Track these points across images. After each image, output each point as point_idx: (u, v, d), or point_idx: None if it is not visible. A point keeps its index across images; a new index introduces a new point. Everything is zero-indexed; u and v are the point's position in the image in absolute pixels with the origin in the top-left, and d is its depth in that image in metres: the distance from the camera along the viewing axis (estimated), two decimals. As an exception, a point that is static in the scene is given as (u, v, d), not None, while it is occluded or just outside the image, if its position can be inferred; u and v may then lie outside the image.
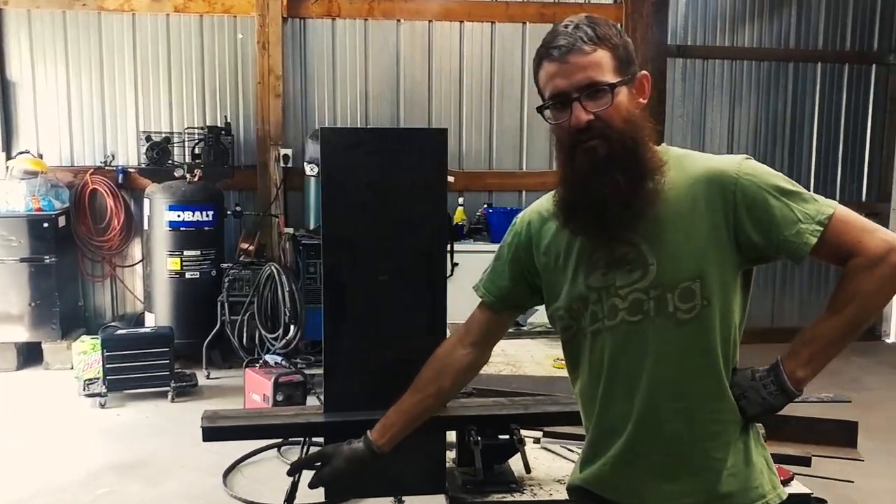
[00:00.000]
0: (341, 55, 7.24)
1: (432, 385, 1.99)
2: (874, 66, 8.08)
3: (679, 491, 1.73)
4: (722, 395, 1.71)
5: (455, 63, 7.38)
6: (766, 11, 7.85)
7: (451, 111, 7.41)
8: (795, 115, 8.00)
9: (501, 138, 7.49)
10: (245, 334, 6.43)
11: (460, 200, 7.20)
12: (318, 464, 2.02)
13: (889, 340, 8.33)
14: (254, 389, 5.60)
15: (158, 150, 6.60)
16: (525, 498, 2.15)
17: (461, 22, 7.33)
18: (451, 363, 1.99)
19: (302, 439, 2.26)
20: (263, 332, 6.40)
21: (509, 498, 2.14)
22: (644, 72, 1.73)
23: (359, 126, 7.25)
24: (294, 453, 5.05)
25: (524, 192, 7.55)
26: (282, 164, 7.00)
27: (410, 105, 7.35)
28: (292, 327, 6.27)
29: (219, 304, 6.49)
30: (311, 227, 6.82)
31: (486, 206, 7.20)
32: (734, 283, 1.70)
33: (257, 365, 5.77)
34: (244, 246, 6.91)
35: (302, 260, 6.46)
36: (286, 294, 6.27)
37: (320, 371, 6.24)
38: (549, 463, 2.39)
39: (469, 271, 6.79)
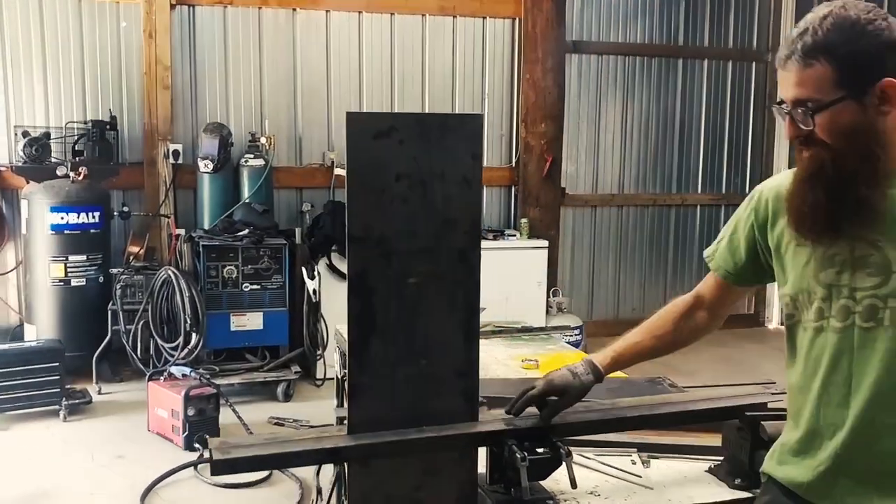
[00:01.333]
0: (234, 45, 6.84)
1: (670, 337, 2.04)
2: (754, 63, 8.41)
3: None
4: None
5: (354, 55, 7.13)
6: (656, 8, 8.00)
7: (351, 104, 7.14)
8: (685, 111, 8.21)
9: (403, 133, 7.27)
10: (140, 344, 5.96)
11: (363, 197, 6.94)
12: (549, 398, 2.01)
13: (771, 326, 8.70)
14: (159, 404, 5.19)
15: (38, 147, 6.01)
16: (570, 516, 1.98)
17: (360, 13, 7.09)
18: (690, 321, 2.03)
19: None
20: (160, 341, 5.95)
21: (552, 518, 1.98)
22: (889, 79, 1.54)
23: (254, 120, 6.88)
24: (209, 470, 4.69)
25: (427, 189, 7.37)
26: (171, 161, 6.54)
27: (308, 98, 7.05)
28: (194, 335, 5.86)
29: (109, 312, 5.99)
30: (207, 226, 6.41)
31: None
32: None
33: (161, 377, 5.34)
34: (133, 249, 6.43)
35: (201, 263, 6.05)
36: (186, 300, 5.84)
37: (227, 382, 5.94)
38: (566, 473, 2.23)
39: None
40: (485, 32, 7.43)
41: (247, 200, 6.50)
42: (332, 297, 6.31)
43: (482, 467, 2.06)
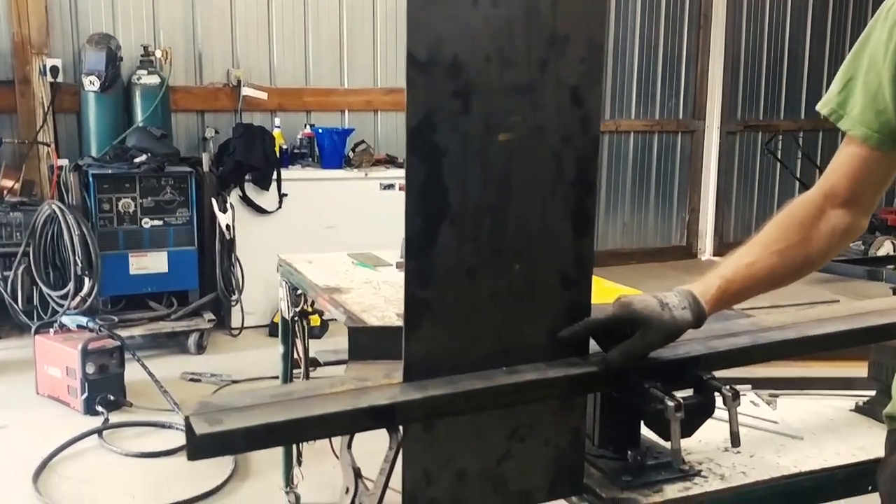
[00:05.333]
0: (119, -59, 5.82)
1: (799, 250, 1.38)
2: (688, -18, 7.93)
3: None
4: None
5: (262, -45, 6.22)
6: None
7: (259, 19, 6.24)
8: (618, 35, 7.68)
9: (318, 52, 6.44)
10: (21, 294, 5.04)
11: (276, 121, 6.13)
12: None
13: (704, 258, 8.39)
14: (50, 361, 4.32)
15: None
16: (718, 485, 1.36)
17: None
18: (821, 227, 1.39)
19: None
20: (46, 288, 5.04)
21: (696, 489, 1.35)
22: None
23: (146, 31, 5.90)
24: (119, 437, 3.92)
25: (347, 112, 6.60)
26: (49, 79, 5.53)
27: (208, 10, 6.09)
28: (87, 281, 4.97)
29: (-20, 257, 5.03)
30: (96, 155, 5.46)
31: (311, 125, 6.17)
32: None
33: (51, 330, 4.45)
34: (7, 183, 5.42)
35: (92, 195, 5.12)
36: (76, 239, 4.93)
37: (129, 333, 5.08)
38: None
39: (300, 203, 5.82)
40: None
41: (141, 124, 5.58)
42: (246, 233, 5.52)
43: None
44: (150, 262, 5.26)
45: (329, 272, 2.91)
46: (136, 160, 5.23)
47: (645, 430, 1.41)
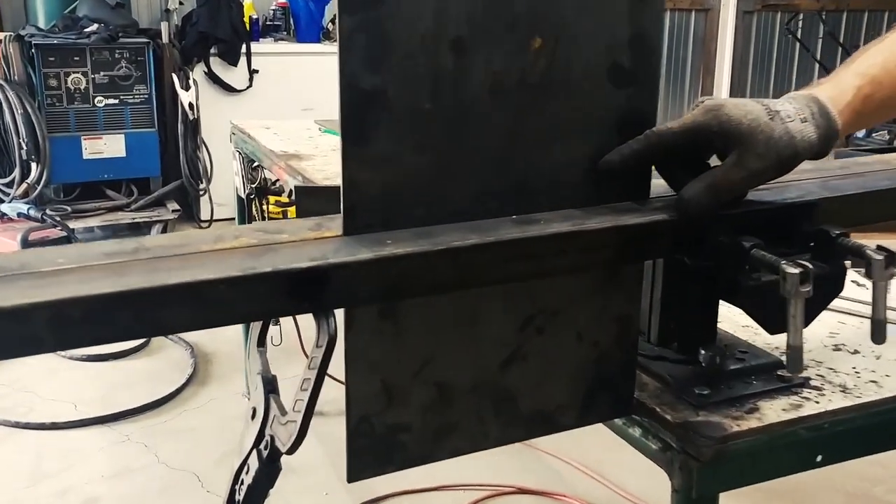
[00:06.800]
0: None
1: None
2: None
3: None
4: None
5: None
6: None
7: None
8: None
9: (292, -90, 5.75)
10: (-40, 181, 4.52)
11: (247, -9, 5.49)
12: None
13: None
14: (-12, 254, 3.83)
15: None
16: (841, 401, 0.88)
17: None
18: None
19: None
20: (-11, 175, 4.53)
21: (810, 408, 0.87)
22: None
23: None
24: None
25: (325, -19, 5.95)
26: (-15, -62, 4.89)
27: None
28: (34, 166, 4.45)
29: (-87, 139, 4.48)
30: (44, 24, 4.85)
31: (284, -5, 5.55)
32: None
33: (-10, 219, 3.97)
34: (-59, 57, 4.83)
35: (37, 70, 4.54)
36: (19, 119, 4.39)
37: (84, 225, 4.58)
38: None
39: (271, 79, 5.24)
40: None
41: (94, -8, 4.95)
42: (213, 113, 4.95)
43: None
44: (106, 146, 4.72)
45: (290, 139, 2.41)
46: (87, 30, 4.63)
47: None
